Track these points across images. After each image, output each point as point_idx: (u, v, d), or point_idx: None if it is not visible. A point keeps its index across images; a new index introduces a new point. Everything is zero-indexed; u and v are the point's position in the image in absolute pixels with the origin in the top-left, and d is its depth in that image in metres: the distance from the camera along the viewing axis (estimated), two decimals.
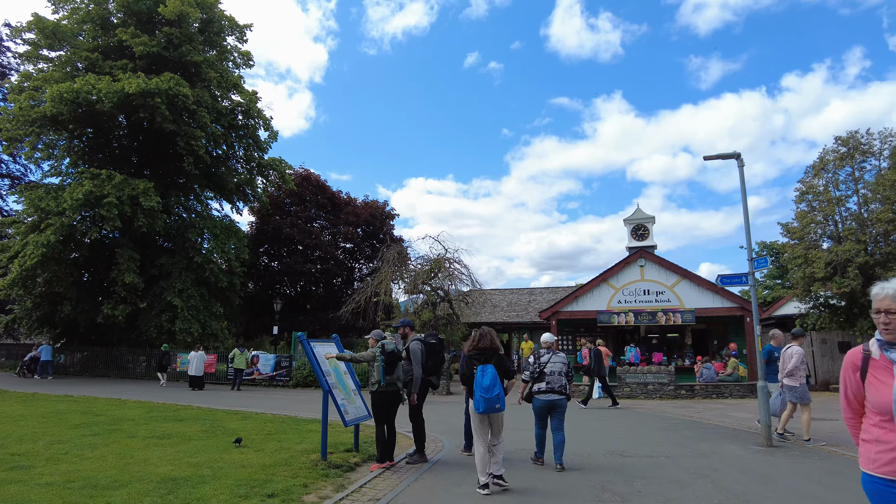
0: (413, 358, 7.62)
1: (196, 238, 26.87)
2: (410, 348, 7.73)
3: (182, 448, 8.26)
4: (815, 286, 19.04)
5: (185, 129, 25.47)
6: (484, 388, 6.05)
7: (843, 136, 19.93)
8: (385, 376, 7.34)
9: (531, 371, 7.38)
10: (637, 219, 20.99)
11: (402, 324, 8.14)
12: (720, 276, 9.78)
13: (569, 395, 7.37)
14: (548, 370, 7.26)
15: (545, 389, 7.23)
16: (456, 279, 25.39)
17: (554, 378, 7.23)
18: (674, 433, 10.30)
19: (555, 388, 7.21)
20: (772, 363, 9.82)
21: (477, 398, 6.10)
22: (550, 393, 7.21)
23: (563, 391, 7.23)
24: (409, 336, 8.07)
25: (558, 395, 7.21)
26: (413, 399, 7.61)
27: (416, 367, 7.59)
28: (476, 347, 6.47)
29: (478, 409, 6.12)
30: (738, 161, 9.71)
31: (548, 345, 7.71)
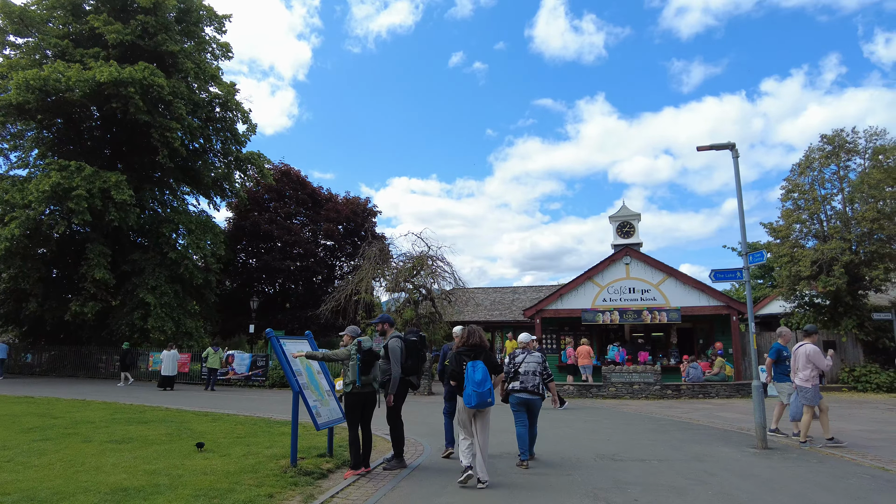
0: (392, 356, 7.10)
1: (170, 233, 26.00)
2: (389, 346, 7.21)
3: (141, 453, 7.64)
4: (800, 285, 18.87)
5: (160, 121, 24.60)
6: (476, 383, 6.20)
7: (828, 135, 19.81)
8: (361, 376, 6.80)
9: (506, 370, 7.51)
10: (623, 216, 20.66)
11: (380, 319, 7.61)
12: (714, 270, 9.39)
13: (543, 395, 7.48)
14: (522, 370, 7.38)
15: (518, 388, 7.36)
16: (439, 277, 24.89)
17: (527, 377, 7.34)
18: (664, 435, 9.90)
19: (528, 387, 7.32)
20: (781, 362, 9.43)
21: (469, 393, 6.23)
22: (524, 392, 7.32)
23: (536, 391, 7.34)
24: (388, 333, 7.53)
25: (531, 395, 7.32)
26: (390, 400, 7.09)
27: (394, 366, 7.07)
28: (466, 344, 6.61)
29: (470, 404, 6.23)
30: (733, 152, 9.34)
31: (524, 344, 7.76)
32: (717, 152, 9.48)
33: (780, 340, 9.66)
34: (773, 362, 9.57)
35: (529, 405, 7.36)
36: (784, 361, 9.40)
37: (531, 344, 7.82)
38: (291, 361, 7.16)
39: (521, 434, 7.36)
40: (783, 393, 9.57)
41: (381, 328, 7.60)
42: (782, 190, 20.50)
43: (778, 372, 9.53)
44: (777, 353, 9.53)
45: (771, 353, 9.57)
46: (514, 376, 7.43)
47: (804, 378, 8.70)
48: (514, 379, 7.44)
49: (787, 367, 9.33)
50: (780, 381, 9.52)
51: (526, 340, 7.82)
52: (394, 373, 7.05)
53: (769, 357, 9.62)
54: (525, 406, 7.36)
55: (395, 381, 7.06)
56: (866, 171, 19.11)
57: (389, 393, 7.07)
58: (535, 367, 7.40)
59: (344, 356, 6.90)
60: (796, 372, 8.90)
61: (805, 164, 20.03)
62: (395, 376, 7.05)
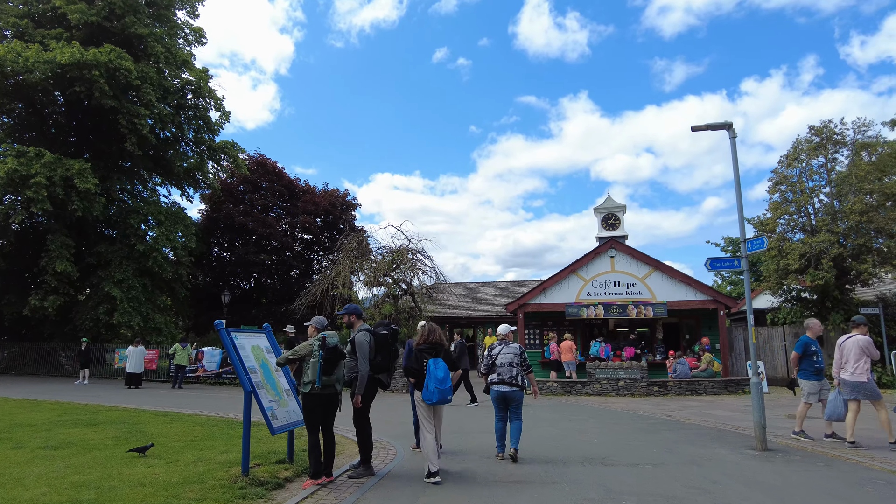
0: (359, 351, 6.35)
1: (139, 225, 24.86)
2: (356, 340, 6.46)
3: (76, 461, 6.79)
4: (788, 278, 18.44)
5: (128, 107, 23.44)
6: (439, 380, 6.22)
7: (816, 126, 19.40)
8: (322, 376, 6.02)
9: (485, 363, 7.45)
10: (608, 208, 20.07)
11: (346, 310, 6.84)
12: (710, 258, 8.75)
13: (523, 387, 7.29)
14: (499, 361, 7.28)
15: (496, 380, 7.25)
16: (419, 271, 24.15)
17: (504, 369, 7.21)
18: (655, 435, 9.27)
19: (505, 378, 7.19)
20: (807, 357, 8.55)
21: (432, 390, 6.23)
22: (501, 384, 7.21)
23: (514, 382, 7.18)
24: (355, 325, 6.78)
25: (509, 387, 7.18)
26: (357, 401, 6.34)
27: (361, 363, 6.32)
28: (427, 341, 6.55)
29: (431, 400, 6.26)
30: (730, 132, 8.70)
31: (502, 336, 7.58)
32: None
33: (807, 333, 8.73)
34: (798, 357, 8.60)
35: (507, 397, 7.21)
36: (811, 357, 8.53)
37: (509, 336, 7.59)
38: (244, 357, 6.36)
39: (499, 428, 7.39)
40: (811, 393, 8.52)
41: (347, 320, 6.84)
42: (769, 182, 20.09)
43: (804, 368, 8.59)
44: (804, 347, 8.56)
45: (797, 347, 8.62)
46: (492, 368, 7.32)
47: (859, 371, 7.93)
48: (491, 371, 7.32)
49: (815, 362, 8.52)
50: (807, 378, 8.52)
51: (504, 332, 7.59)
52: (361, 370, 6.31)
53: (795, 351, 8.66)
54: (503, 399, 7.24)
55: (363, 380, 6.32)
56: (854, 163, 18.73)
57: (356, 392, 6.33)
58: (511, 359, 7.25)
59: (306, 352, 6.13)
60: (843, 366, 8.15)
61: (793, 155, 19.61)
62: (362, 374, 6.31)
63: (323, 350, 6.03)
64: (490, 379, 7.34)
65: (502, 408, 7.35)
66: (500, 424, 7.40)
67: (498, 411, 7.41)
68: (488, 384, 7.39)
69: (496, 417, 7.45)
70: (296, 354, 6.16)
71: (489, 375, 7.36)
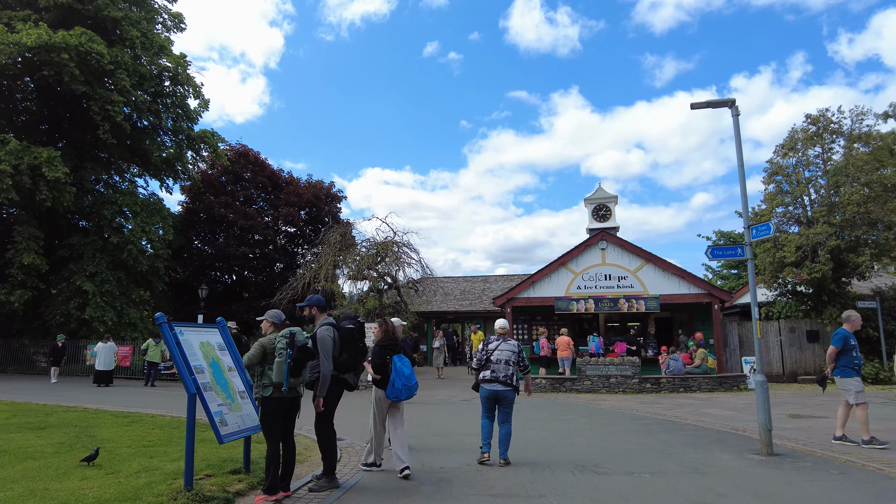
0: (321, 348, 5.63)
1: (113, 216, 23.88)
2: (318, 336, 5.73)
3: (2, 474, 6.00)
4: (784, 271, 17.87)
5: (101, 93, 22.40)
6: (406, 377, 6.14)
7: (813, 115, 18.83)
8: (290, 378, 5.29)
9: (478, 358, 6.97)
10: (599, 198, 19.41)
11: (308, 302, 6.10)
12: (711, 247, 8.09)
13: (517, 388, 6.82)
14: (494, 358, 6.79)
15: (489, 378, 6.76)
16: (404, 265, 23.42)
17: (500, 367, 6.74)
18: (650, 437, 8.61)
19: (499, 377, 6.71)
20: (846, 352, 7.73)
21: (399, 387, 6.12)
22: (495, 382, 6.73)
23: (508, 382, 6.70)
24: (317, 319, 6.05)
25: (503, 386, 6.70)
26: (319, 404, 5.61)
27: (324, 361, 5.60)
28: (390, 338, 6.46)
29: (399, 398, 6.19)
30: (732, 109, 8.06)
31: (500, 331, 7.09)
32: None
33: (845, 326, 7.95)
34: (837, 352, 7.78)
35: (499, 397, 6.73)
36: (850, 352, 7.74)
37: (507, 331, 7.17)
38: (190, 355, 5.60)
39: (486, 426, 6.87)
40: (849, 391, 7.69)
41: (308, 313, 6.10)
42: (765, 172, 19.52)
43: (843, 365, 7.75)
44: (843, 342, 7.76)
45: (835, 341, 7.81)
46: (486, 365, 6.81)
47: None
48: (484, 368, 6.81)
49: (854, 358, 7.73)
50: (849, 375, 7.68)
51: (503, 327, 7.11)
52: (323, 369, 5.58)
53: (834, 346, 7.83)
54: (494, 398, 6.77)
55: (326, 381, 5.60)
56: (851, 153, 18.19)
57: (318, 395, 5.60)
58: (508, 356, 6.77)
59: (259, 355, 5.36)
60: None
61: (788, 144, 19.03)
62: (325, 374, 5.58)
63: (292, 349, 5.30)
64: (483, 376, 6.81)
65: (491, 407, 6.88)
66: (487, 422, 6.90)
67: (486, 410, 6.91)
68: (479, 381, 6.88)
69: (483, 416, 6.94)
70: (252, 360, 5.39)
71: (481, 372, 6.85)
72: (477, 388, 6.96)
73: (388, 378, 6.18)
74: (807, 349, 17.94)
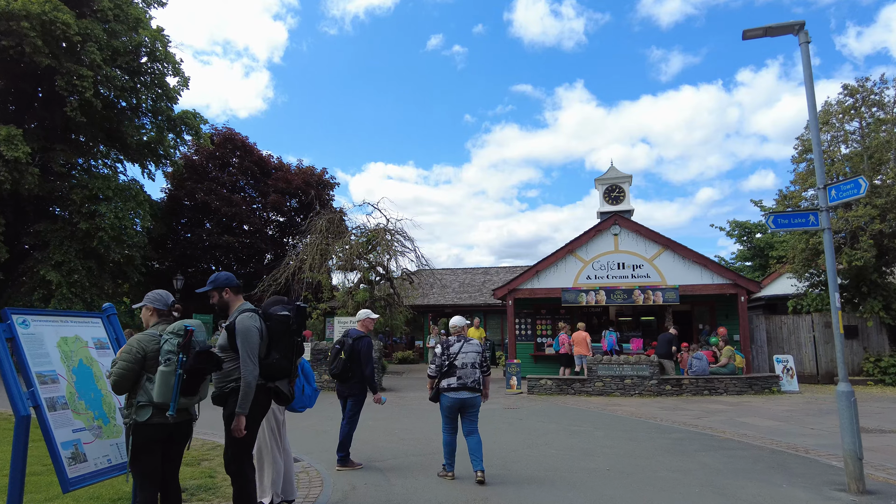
0: (244, 344, 3.92)
1: (84, 201, 22.07)
2: (239, 327, 3.94)
3: None
4: (820, 259, 15.96)
5: (68, 66, 20.63)
6: (313, 379, 5.28)
7: (851, 84, 16.89)
8: (181, 397, 3.48)
9: (438, 364, 6.03)
10: (611, 178, 17.49)
11: (214, 284, 4.31)
12: (772, 213, 6.21)
13: (484, 392, 6.10)
14: (458, 362, 5.94)
15: (456, 385, 5.88)
16: (397, 254, 21.61)
17: (466, 372, 5.94)
18: (688, 459, 6.77)
19: (467, 384, 5.90)
20: None
21: (309, 394, 5.15)
22: (462, 390, 5.88)
23: (476, 387, 5.96)
24: (232, 305, 4.26)
25: (471, 393, 5.92)
26: (240, 426, 3.81)
27: (247, 363, 3.84)
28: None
29: (306, 407, 5.21)
30: (800, 36, 6.19)
31: (458, 331, 6.32)
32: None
33: None
34: None
35: (467, 405, 5.90)
36: None
37: (465, 330, 6.34)
38: (35, 357, 3.77)
39: (450, 442, 6.01)
40: None
41: (218, 298, 4.29)
42: (795, 150, 17.58)
43: None
44: None
45: None
46: (450, 371, 5.91)
47: None
48: (448, 374, 5.91)
49: None
50: None
51: (460, 325, 6.33)
52: (246, 375, 3.81)
53: None
54: (460, 408, 5.91)
55: (250, 392, 3.82)
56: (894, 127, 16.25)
57: (239, 412, 3.80)
58: (474, 359, 5.99)
59: (137, 360, 3.56)
60: None
61: (822, 118, 17.02)
62: (248, 382, 3.81)
63: (187, 353, 3.48)
64: (447, 384, 5.87)
65: (456, 418, 6.00)
66: (450, 437, 6.00)
67: (450, 422, 6.00)
68: (440, 389, 5.92)
69: (446, 430, 6.01)
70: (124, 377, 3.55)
71: (444, 380, 5.90)
72: (436, 398, 6.03)
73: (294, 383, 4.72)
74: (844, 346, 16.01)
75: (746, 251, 34.43)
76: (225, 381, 3.95)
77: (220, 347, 4.00)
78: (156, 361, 3.51)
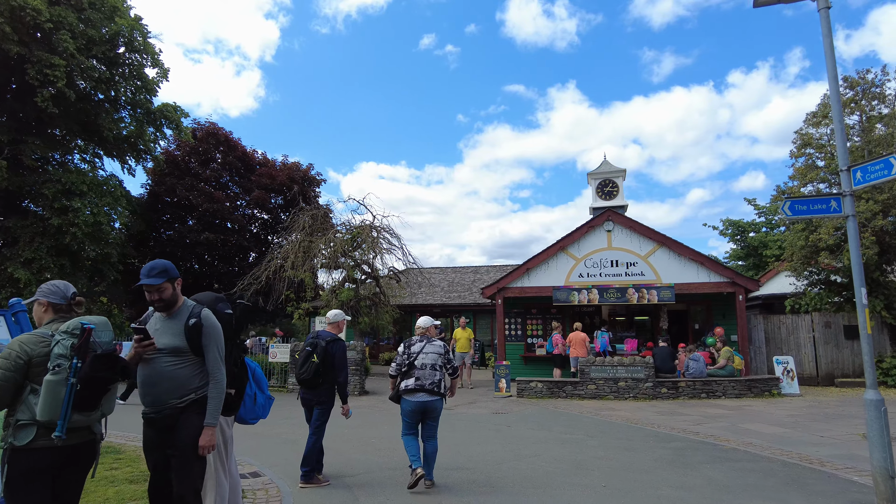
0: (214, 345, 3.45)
1: (56, 196, 21.17)
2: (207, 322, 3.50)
3: None
4: (821, 256, 15.40)
5: (39, 54, 19.75)
6: (266, 386, 4.49)
7: (851, 77, 16.36)
8: (76, 414, 2.77)
9: (398, 363, 5.81)
10: (604, 172, 16.83)
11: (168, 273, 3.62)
12: (789, 198, 5.56)
13: (444, 395, 5.82)
14: (418, 363, 5.71)
15: (413, 387, 5.64)
16: (384, 252, 20.87)
17: (425, 373, 5.68)
18: (691, 473, 6.10)
19: (425, 385, 5.63)
20: None
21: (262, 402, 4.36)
22: (420, 392, 5.63)
23: (435, 390, 5.66)
24: (178, 301, 3.62)
25: (430, 395, 5.64)
26: (212, 440, 3.23)
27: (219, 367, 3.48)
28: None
29: (259, 418, 4.38)
30: (819, 1, 5.51)
31: (422, 330, 6.06)
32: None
33: None
34: None
35: (427, 409, 5.61)
36: None
37: (431, 330, 6.07)
38: None
39: (410, 444, 5.63)
40: None
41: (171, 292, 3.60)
42: (794, 143, 17.03)
43: None
44: None
45: None
46: (409, 371, 5.68)
47: None
48: (407, 375, 5.68)
49: None
50: None
51: (425, 325, 6.09)
52: (220, 379, 3.34)
53: None
54: (421, 411, 5.62)
55: (222, 397, 3.36)
56: None
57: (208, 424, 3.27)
58: (435, 360, 5.73)
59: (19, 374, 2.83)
60: None
61: (822, 112, 16.55)
62: (221, 386, 3.38)
63: (83, 358, 2.77)
64: (405, 385, 5.63)
65: (416, 422, 5.68)
66: (411, 440, 5.66)
67: (409, 427, 5.69)
68: (400, 391, 5.69)
69: (406, 433, 5.70)
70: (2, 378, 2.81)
71: (403, 381, 5.66)
72: (397, 399, 5.79)
73: (244, 390, 4.14)
74: (844, 347, 15.50)
75: (740, 250, 33.96)
76: (182, 393, 3.29)
77: (174, 350, 3.33)
78: (43, 368, 2.79)
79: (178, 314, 3.45)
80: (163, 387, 3.27)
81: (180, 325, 3.37)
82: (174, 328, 3.37)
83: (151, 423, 3.33)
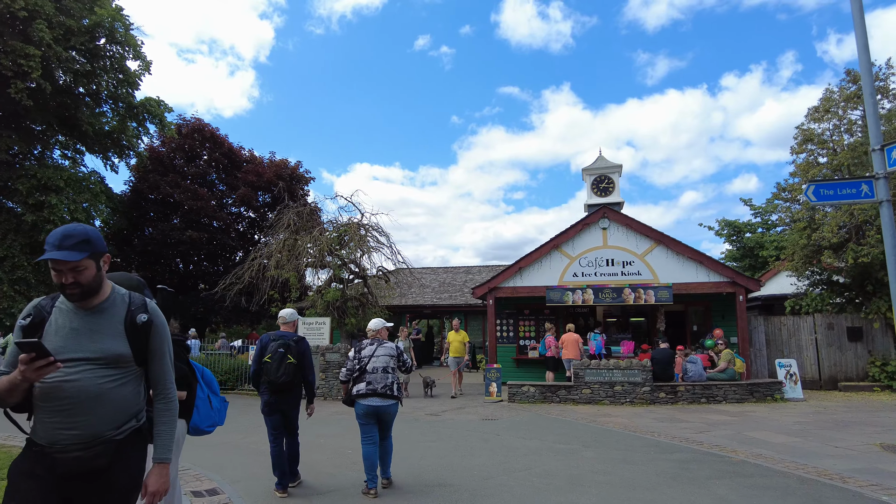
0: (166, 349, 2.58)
1: (30, 192, 20.40)
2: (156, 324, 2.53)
3: None
4: (824, 255, 14.85)
5: (13, 45, 18.98)
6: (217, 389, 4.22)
7: (854, 71, 15.82)
8: None
9: (349, 369, 5.56)
10: (600, 168, 16.23)
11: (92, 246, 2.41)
12: (814, 183, 4.95)
13: (399, 397, 5.59)
14: (370, 366, 5.45)
15: (364, 391, 5.39)
16: (372, 250, 20.19)
17: (377, 377, 5.43)
18: (699, 490, 5.47)
19: (377, 389, 5.39)
20: None
21: (218, 406, 4.12)
22: (372, 396, 5.39)
23: (388, 393, 5.42)
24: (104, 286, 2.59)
25: (383, 399, 5.40)
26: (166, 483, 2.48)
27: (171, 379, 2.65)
28: None
29: (216, 425, 4.07)
30: None
31: (373, 333, 5.83)
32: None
33: None
34: None
35: (379, 413, 5.46)
36: None
37: (382, 332, 5.86)
38: None
39: (369, 454, 5.44)
40: None
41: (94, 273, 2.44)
42: (795, 139, 16.48)
43: None
44: None
45: None
46: (360, 375, 5.51)
47: None
48: (358, 380, 5.51)
49: None
50: None
51: (377, 327, 5.88)
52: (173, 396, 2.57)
53: None
54: (374, 415, 5.46)
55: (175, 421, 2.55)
56: None
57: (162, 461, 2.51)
58: (387, 363, 5.56)
59: None
60: None
61: (824, 107, 16.01)
62: (175, 407, 2.55)
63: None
64: (356, 390, 5.46)
65: (372, 427, 5.50)
66: (370, 449, 5.46)
67: (366, 432, 5.50)
68: (352, 396, 5.50)
69: (364, 441, 5.50)
70: None
71: (355, 385, 5.50)
72: (350, 403, 5.59)
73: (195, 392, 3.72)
74: (848, 350, 14.94)
75: (736, 251, 33.44)
76: (122, 420, 2.33)
77: (112, 360, 2.32)
78: None
79: (109, 307, 2.42)
80: (96, 414, 2.24)
81: (117, 324, 2.39)
82: (108, 327, 2.36)
83: (65, 465, 2.21)
